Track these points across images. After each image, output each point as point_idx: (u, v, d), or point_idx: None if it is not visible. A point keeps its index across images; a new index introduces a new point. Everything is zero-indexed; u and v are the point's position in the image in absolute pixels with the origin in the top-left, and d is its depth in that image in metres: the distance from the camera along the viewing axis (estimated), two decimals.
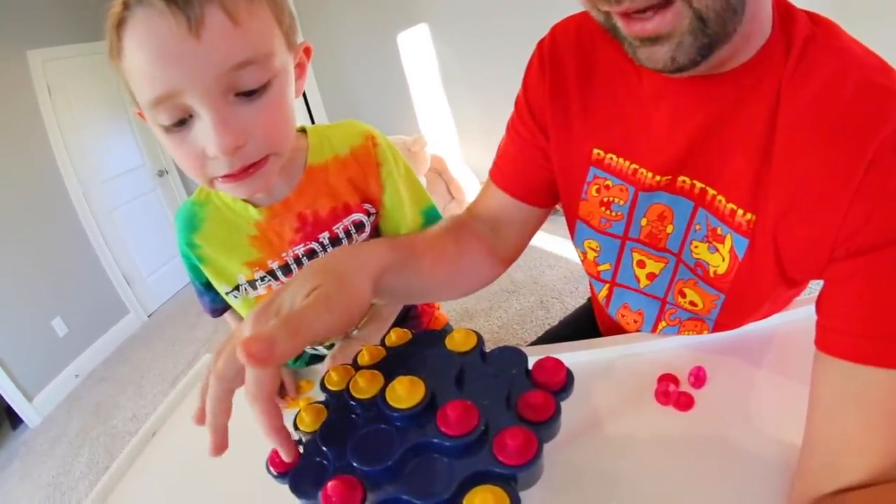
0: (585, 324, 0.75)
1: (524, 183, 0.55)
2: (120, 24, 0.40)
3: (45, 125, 2.67)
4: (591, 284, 0.62)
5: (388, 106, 2.90)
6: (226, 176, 0.45)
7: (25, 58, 2.61)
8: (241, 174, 0.45)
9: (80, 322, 2.73)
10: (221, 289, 0.64)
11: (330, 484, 0.28)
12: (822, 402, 0.34)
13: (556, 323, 0.85)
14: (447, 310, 1.77)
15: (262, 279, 0.62)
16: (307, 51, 0.53)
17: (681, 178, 0.44)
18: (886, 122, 0.32)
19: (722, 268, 0.43)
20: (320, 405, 0.38)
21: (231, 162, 0.44)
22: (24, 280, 2.49)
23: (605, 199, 0.49)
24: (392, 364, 0.38)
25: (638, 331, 0.56)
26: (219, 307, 0.71)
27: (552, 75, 0.49)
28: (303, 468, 0.32)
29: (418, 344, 0.40)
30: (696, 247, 0.44)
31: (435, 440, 0.29)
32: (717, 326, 0.49)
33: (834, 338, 0.34)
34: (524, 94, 0.53)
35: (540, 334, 0.83)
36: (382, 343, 0.42)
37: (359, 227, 0.62)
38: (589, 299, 0.78)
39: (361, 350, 0.40)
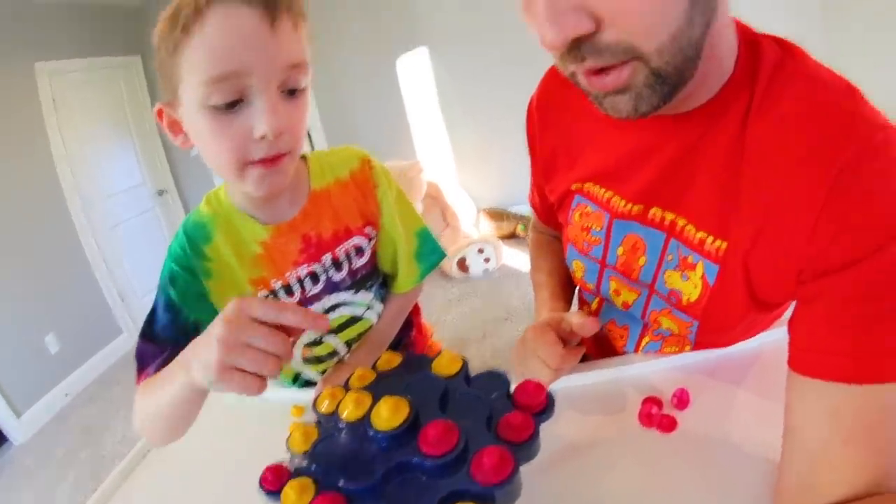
0: None
1: (546, 214, 0.67)
2: (197, 10, 0.42)
3: (48, 138, 2.69)
4: (582, 304, 0.65)
5: (385, 130, 2.95)
6: (262, 160, 0.48)
7: (33, 69, 2.64)
8: (275, 160, 0.49)
9: (74, 340, 2.70)
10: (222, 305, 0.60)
11: (316, 500, 0.29)
12: (797, 421, 0.35)
13: None
14: (441, 336, 1.80)
15: (264, 298, 0.61)
16: None
17: (652, 210, 0.46)
18: (849, 145, 0.33)
19: (694, 295, 0.44)
20: (311, 426, 0.39)
21: (271, 146, 0.47)
22: (18, 294, 2.46)
23: (586, 225, 0.53)
24: (381, 387, 0.40)
25: (623, 346, 0.58)
26: (166, 337, 0.57)
27: (541, 125, 0.57)
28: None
29: (407, 367, 0.42)
30: (668, 276, 0.46)
31: (415, 460, 0.30)
32: (698, 346, 0.51)
33: (806, 357, 0.35)
34: (529, 148, 0.63)
35: None
36: (374, 367, 0.43)
37: (358, 251, 0.65)
38: None
39: (353, 373, 0.42)
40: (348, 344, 0.69)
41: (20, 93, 2.58)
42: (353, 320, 0.68)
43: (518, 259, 2.57)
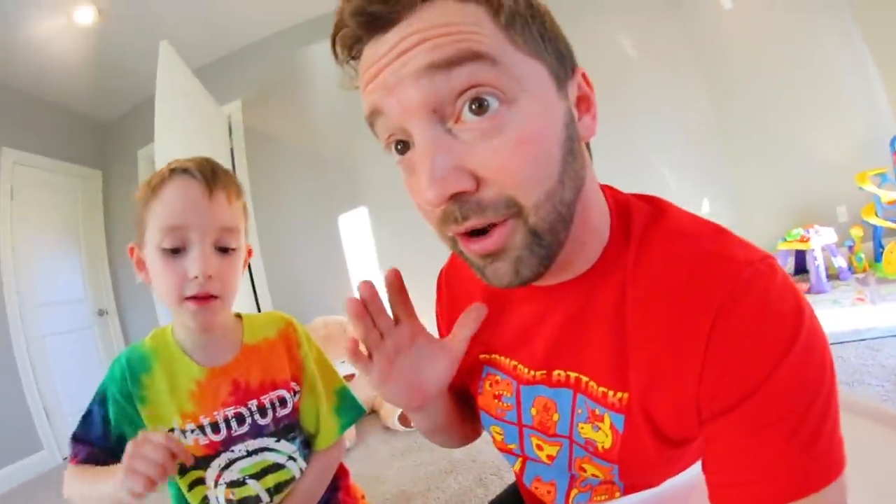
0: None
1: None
2: (163, 179, 0.62)
3: None
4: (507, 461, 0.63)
5: (328, 284, 2.99)
6: (195, 297, 0.61)
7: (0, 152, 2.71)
8: (204, 300, 0.62)
9: None
10: (152, 429, 0.65)
11: None
12: None
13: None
14: (384, 491, 1.83)
15: (192, 431, 0.66)
16: (250, 251, 0.74)
17: (556, 372, 0.46)
18: (721, 286, 0.34)
19: (607, 443, 0.43)
20: None
21: (202, 286, 0.61)
22: None
23: (497, 393, 0.53)
24: None
25: (553, 501, 0.55)
26: (98, 444, 0.64)
27: (449, 300, 0.59)
28: None
29: None
30: (581, 428, 0.45)
31: None
32: (627, 490, 0.48)
33: (723, 492, 0.35)
34: (437, 321, 0.64)
35: None
36: None
37: (282, 401, 0.71)
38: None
39: None
40: (268, 491, 0.70)
41: None
42: (276, 467, 0.71)
43: None
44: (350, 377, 2.31)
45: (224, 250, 0.64)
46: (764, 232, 2.71)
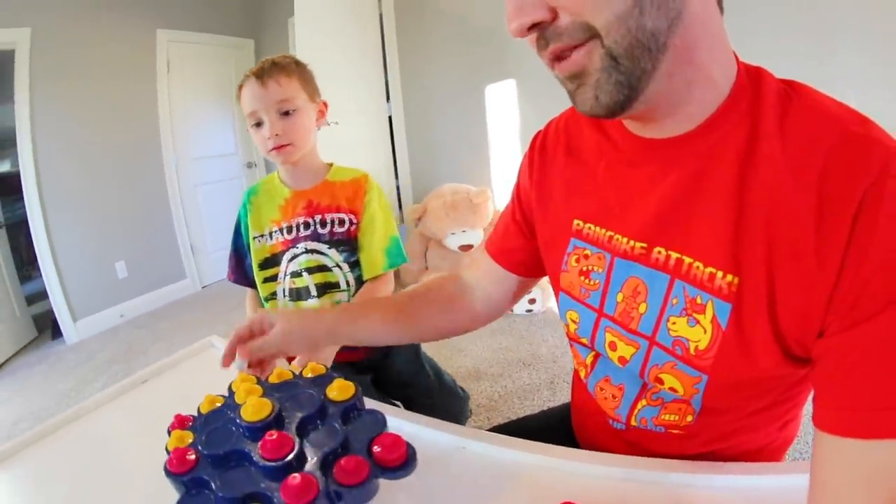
0: (558, 424, 0.71)
1: (510, 256, 0.63)
2: (242, 82, 0.93)
3: (157, 96, 3.12)
4: (575, 357, 0.60)
5: (466, 154, 2.98)
6: (274, 148, 0.91)
7: (154, 35, 3.08)
8: (279, 148, 0.91)
9: (141, 272, 3.08)
10: (253, 233, 1.00)
11: (172, 452, 0.36)
12: (828, 486, 0.33)
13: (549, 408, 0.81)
14: (461, 365, 1.97)
15: (274, 232, 0.98)
16: (324, 104, 1.00)
17: (656, 250, 0.43)
18: (869, 170, 0.32)
19: (704, 342, 0.40)
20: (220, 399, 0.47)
21: (276, 140, 0.90)
22: (104, 220, 2.88)
23: (584, 269, 0.50)
24: (280, 388, 0.45)
25: (615, 408, 0.52)
26: (242, 275, 1.04)
27: (540, 163, 0.57)
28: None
29: (315, 382, 0.46)
30: (673, 323, 0.42)
31: (249, 452, 0.36)
32: (704, 411, 0.45)
33: (838, 415, 0.33)
34: (516, 182, 0.62)
35: (536, 412, 0.82)
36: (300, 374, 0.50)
37: (340, 221, 0.97)
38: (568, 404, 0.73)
39: (273, 370, 0.50)
40: (317, 287, 0.95)
41: (140, 53, 3.03)
42: (324, 268, 0.96)
43: None
44: (468, 247, 2.48)
45: (286, 113, 0.91)
46: None
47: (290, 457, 0.34)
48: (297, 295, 0.95)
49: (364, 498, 0.36)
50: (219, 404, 0.45)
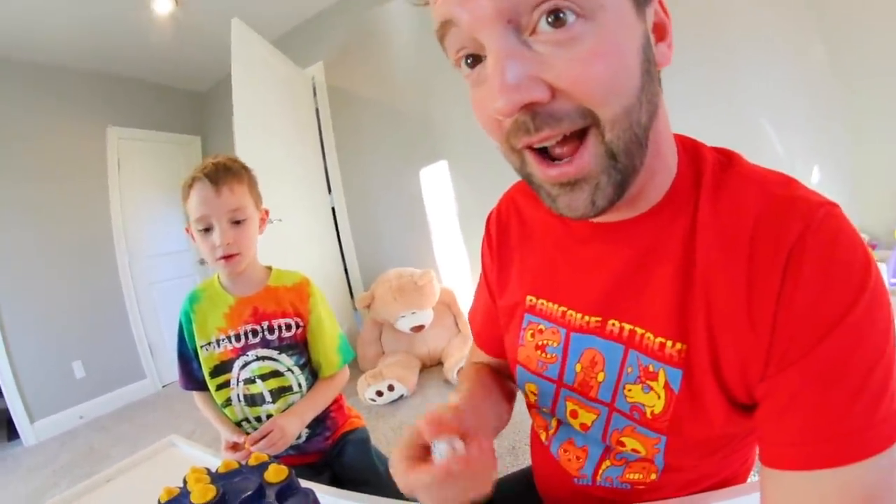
0: (522, 487, 0.68)
1: (501, 344, 0.58)
2: (190, 183, 0.91)
3: (108, 194, 3.19)
4: (533, 426, 0.60)
5: (409, 237, 3.04)
6: (222, 257, 0.91)
7: (105, 132, 3.20)
8: (228, 258, 0.92)
9: (99, 372, 3.03)
10: (200, 342, 0.98)
11: None
12: None
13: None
14: None
15: (222, 340, 0.97)
16: (266, 211, 1.03)
17: (610, 322, 0.44)
18: (795, 224, 0.34)
19: (658, 406, 0.41)
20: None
21: (225, 249, 0.90)
22: (59, 319, 2.87)
23: (540, 343, 0.50)
24: (226, 476, 0.55)
25: (580, 468, 0.51)
26: (192, 380, 1.02)
27: (497, 242, 0.57)
28: None
29: (251, 469, 0.57)
30: (629, 390, 0.43)
31: None
32: (667, 468, 0.46)
33: (781, 452, 0.34)
34: (482, 268, 0.62)
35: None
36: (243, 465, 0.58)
37: (287, 326, 0.99)
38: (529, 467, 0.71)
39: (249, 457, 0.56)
40: (271, 392, 0.97)
41: (90, 151, 3.14)
42: (277, 374, 0.98)
43: None
44: (419, 328, 2.54)
45: (237, 222, 0.92)
46: (879, 215, 1.94)
47: None
48: (252, 401, 0.97)
49: None
50: (175, 494, 0.54)
